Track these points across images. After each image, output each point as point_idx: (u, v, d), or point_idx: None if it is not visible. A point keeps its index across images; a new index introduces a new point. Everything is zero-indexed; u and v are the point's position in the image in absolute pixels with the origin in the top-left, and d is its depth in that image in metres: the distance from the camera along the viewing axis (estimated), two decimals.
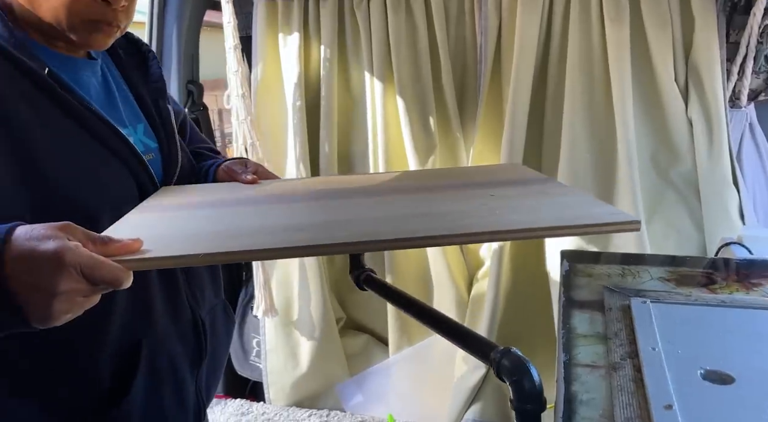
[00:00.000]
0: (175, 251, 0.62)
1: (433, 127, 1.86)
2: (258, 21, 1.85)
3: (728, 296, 0.85)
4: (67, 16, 0.80)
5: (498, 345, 0.74)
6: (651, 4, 1.55)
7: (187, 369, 0.96)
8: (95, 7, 0.80)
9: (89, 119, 0.81)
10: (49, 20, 0.81)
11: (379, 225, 0.70)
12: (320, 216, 0.78)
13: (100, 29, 0.82)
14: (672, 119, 1.58)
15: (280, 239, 0.65)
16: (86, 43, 0.84)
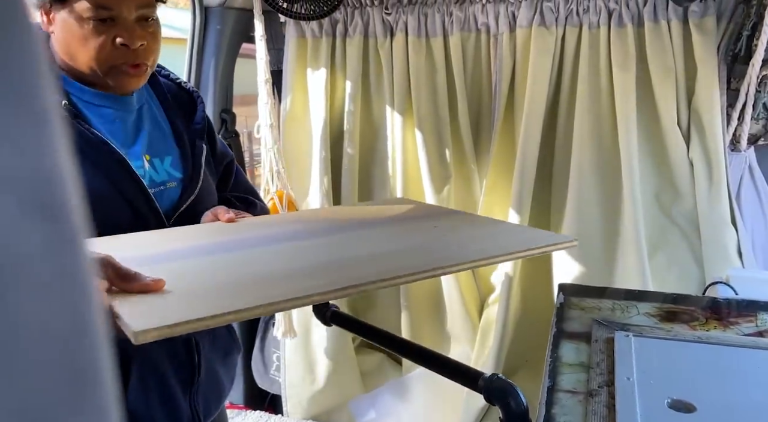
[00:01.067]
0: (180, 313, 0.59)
1: (448, 159, 1.97)
2: (289, 56, 1.99)
3: (705, 333, 0.93)
4: (98, 65, 0.91)
5: (484, 373, 0.81)
6: (656, 53, 1.65)
7: (178, 387, 1.02)
8: (117, 53, 0.91)
9: (98, 151, 0.91)
10: (87, 71, 0.93)
11: (368, 265, 0.72)
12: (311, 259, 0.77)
13: (128, 71, 0.93)
14: (674, 160, 1.67)
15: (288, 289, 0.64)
16: (122, 86, 0.95)
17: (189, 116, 1.11)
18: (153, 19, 0.96)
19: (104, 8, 0.89)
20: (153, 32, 0.96)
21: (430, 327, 2.11)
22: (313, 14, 1.76)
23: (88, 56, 0.91)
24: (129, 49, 0.92)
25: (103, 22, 0.90)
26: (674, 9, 1.63)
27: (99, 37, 0.90)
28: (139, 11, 0.93)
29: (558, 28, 1.75)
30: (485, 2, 1.80)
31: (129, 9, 0.91)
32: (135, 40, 0.91)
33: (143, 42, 0.93)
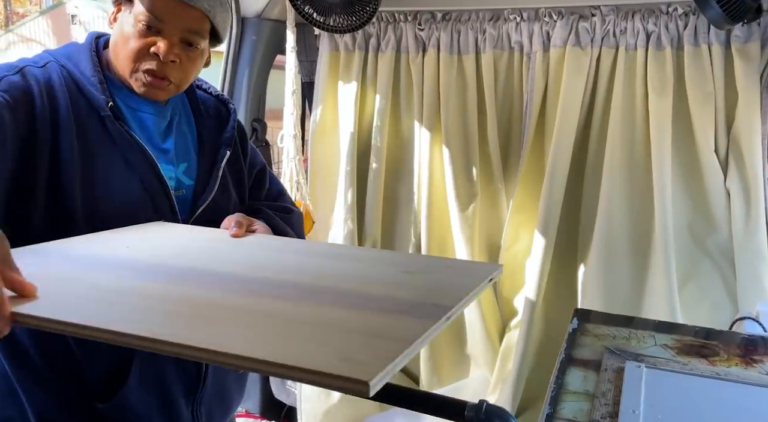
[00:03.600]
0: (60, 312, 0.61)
1: (475, 177, 1.94)
2: (321, 69, 2.01)
3: (725, 369, 0.88)
4: (128, 63, 0.97)
5: (467, 401, 0.77)
6: (695, 77, 1.59)
7: (180, 394, 1.03)
8: (148, 58, 0.96)
9: (134, 154, 0.97)
10: (122, 70, 0.99)
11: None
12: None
13: (152, 80, 0.97)
14: (710, 189, 1.60)
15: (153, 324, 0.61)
16: (142, 92, 0.99)
17: (223, 126, 1.15)
18: (198, 48, 1.01)
19: (156, 18, 0.96)
20: (191, 57, 1.01)
21: (450, 348, 2.06)
22: (345, 27, 1.77)
23: (125, 54, 0.97)
24: (159, 59, 0.96)
25: (149, 29, 0.96)
26: (716, 33, 1.57)
27: (140, 40, 0.96)
28: (184, 34, 0.98)
29: (593, 48, 1.71)
30: (519, 20, 1.78)
31: (176, 27, 0.97)
32: (168, 54, 0.96)
33: (176, 59, 0.98)
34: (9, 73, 0.91)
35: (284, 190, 1.32)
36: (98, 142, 0.95)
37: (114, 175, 0.96)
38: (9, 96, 0.88)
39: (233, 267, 0.81)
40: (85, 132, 0.94)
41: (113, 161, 0.96)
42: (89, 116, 0.95)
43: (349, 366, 0.52)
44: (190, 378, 1.05)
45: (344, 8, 1.72)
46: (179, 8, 0.96)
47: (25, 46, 18.52)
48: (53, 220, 0.91)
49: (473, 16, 1.83)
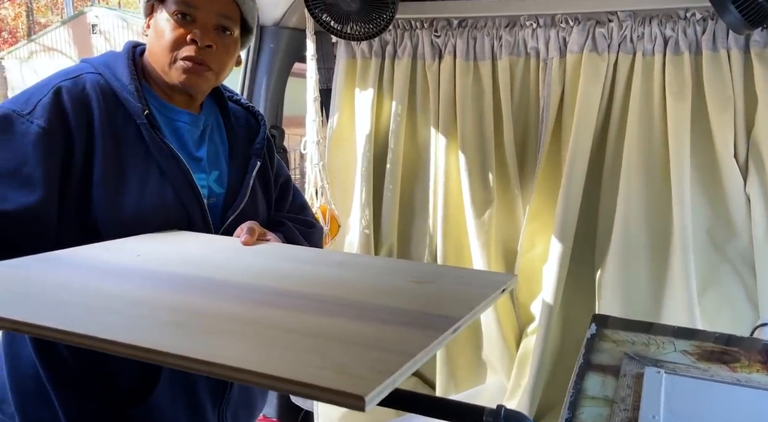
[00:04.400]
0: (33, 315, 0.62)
1: (491, 183, 1.94)
2: (338, 76, 2.03)
3: (746, 376, 0.87)
4: (166, 55, 0.99)
5: (485, 407, 0.76)
6: (714, 82, 1.58)
7: (207, 398, 1.05)
8: (186, 47, 0.99)
9: (170, 163, 0.99)
10: (160, 67, 1.00)
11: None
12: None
13: (192, 66, 0.99)
14: (730, 194, 1.58)
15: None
16: (183, 82, 1.01)
17: (253, 137, 1.18)
18: (231, 34, 1.03)
19: (190, 5, 0.98)
20: (226, 43, 1.03)
21: (466, 354, 2.06)
22: (362, 35, 1.79)
23: (161, 48, 0.99)
24: (197, 45, 0.99)
25: (183, 18, 0.98)
26: (735, 38, 1.56)
27: (176, 31, 0.98)
28: (218, 18, 1.01)
29: (610, 54, 1.71)
30: (536, 27, 1.78)
31: (210, 12, 1.00)
32: (204, 39, 0.98)
33: (212, 44, 1.00)
34: (42, 96, 0.92)
35: (307, 203, 1.34)
36: (133, 151, 0.97)
37: (148, 183, 0.98)
38: (44, 121, 0.90)
39: (239, 275, 0.81)
40: (120, 140, 0.96)
41: (148, 169, 0.98)
42: (125, 124, 0.97)
43: (345, 379, 0.50)
44: (217, 382, 1.06)
45: (361, 16, 1.74)
46: None
47: (47, 55, 18.88)
48: (84, 231, 0.93)
49: (489, 23, 1.84)
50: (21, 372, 0.97)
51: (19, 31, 23.46)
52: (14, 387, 0.98)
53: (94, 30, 17.99)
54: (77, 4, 21.37)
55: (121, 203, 0.95)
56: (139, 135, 0.97)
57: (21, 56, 19.43)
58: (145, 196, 0.97)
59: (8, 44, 21.92)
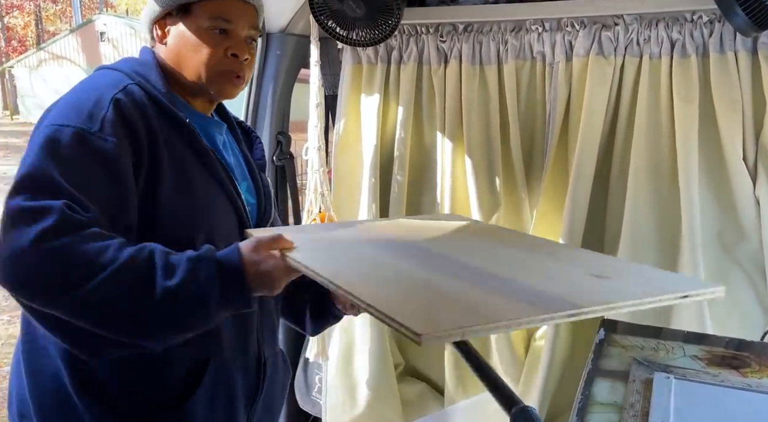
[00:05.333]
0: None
1: (498, 187, 1.94)
2: (344, 82, 2.03)
3: (757, 381, 0.86)
4: (205, 71, 1.02)
5: (520, 402, 0.78)
6: (722, 85, 1.57)
7: (242, 401, 1.07)
8: (227, 61, 1.03)
9: (216, 167, 1.02)
10: (192, 78, 1.03)
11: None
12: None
13: (231, 80, 1.04)
14: (739, 197, 1.57)
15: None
16: (221, 93, 1.05)
17: (250, 152, 1.21)
18: (255, 43, 1.09)
19: (224, 20, 1.02)
20: (253, 53, 1.09)
21: None
22: (368, 40, 1.80)
23: (198, 62, 1.02)
24: (237, 59, 1.03)
25: (218, 33, 1.02)
26: (742, 40, 1.55)
27: (213, 46, 1.02)
28: (249, 31, 1.05)
29: (617, 57, 1.70)
30: (541, 31, 1.78)
31: (243, 25, 1.04)
32: (243, 53, 1.03)
33: (248, 57, 1.05)
34: (104, 111, 0.91)
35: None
36: (187, 161, 0.99)
37: (207, 191, 1.01)
38: (116, 137, 0.90)
39: (446, 249, 0.99)
40: (175, 148, 0.98)
41: (203, 178, 1.01)
42: (172, 134, 0.98)
43: (419, 319, 0.66)
44: (251, 385, 1.09)
45: (367, 22, 1.75)
46: (243, 7, 1.03)
47: (56, 63, 19.06)
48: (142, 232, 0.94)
49: (495, 28, 1.84)
50: (43, 387, 0.97)
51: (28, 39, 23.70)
52: (36, 401, 0.98)
53: (102, 38, 18.15)
54: (86, 12, 21.59)
55: (190, 206, 0.98)
56: (187, 144, 0.99)
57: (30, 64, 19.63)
58: (207, 204, 1.00)
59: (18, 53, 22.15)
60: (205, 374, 0.99)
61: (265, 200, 1.16)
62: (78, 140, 0.87)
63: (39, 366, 0.97)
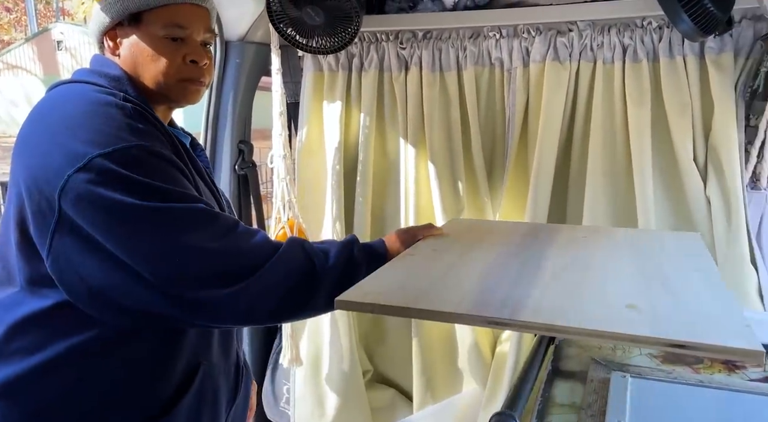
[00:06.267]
0: None
1: (461, 191, 1.96)
2: (306, 89, 2.03)
3: (708, 376, 0.89)
4: (166, 80, 1.00)
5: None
6: (672, 89, 1.62)
7: (224, 404, 1.09)
8: (186, 69, 1.01)
9: (206, 177, 1.04)
10: (153, 88, 1.01)
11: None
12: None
13: (191, 86, 1.03)
14: (691, 197, 1.62)
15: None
16: (185, 100, 1.04)
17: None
18: (211, 46, 1.09)
19: (179, 27, 1.00)
20: (211, 57, 1.08)
21: (442, 363, 2.06)
22: (328, 48, 1.80)
23: (157, 72, 1.00)
24: (197, 65, 1.03)
25: (174, 41, 1.01)
26: (690, 45, 1.60)
27: (170, 55, 1.00)
28: (205, 35, 1.05)
29: (572, 63, 1.74)
30: (499, 37, 1.81)
31: (199, 31, 1.03)
32: (202, 58, 1.03)
33: (207, 61, 1.05)
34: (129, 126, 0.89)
35: None
36: (196, 181, 1.00)
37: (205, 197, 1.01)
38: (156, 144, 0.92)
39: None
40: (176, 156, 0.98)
41: (200, 186, 1.01)
42: (167, 140, 0.98)
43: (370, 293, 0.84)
44: (230, 389, 1.10)
45: (326, 30, 1.75)
46: (196, 12, 1.02)
47: (11, 73, 18.48)
48: None
49: (453, 34, 1.86)
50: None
51: None
52: None
53: (59, 47, 17.68)
54: (41, 21, 21.02)
55: None
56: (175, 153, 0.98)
57: None
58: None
59: None
60: (196, 378, 0.99)
61: (228, 210, 1.16)
62: (149, 153, 0.89)
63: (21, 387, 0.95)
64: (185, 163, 0.98)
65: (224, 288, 0.85)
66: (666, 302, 0.79)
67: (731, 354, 0.67)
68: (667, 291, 0.83)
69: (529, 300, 0.80)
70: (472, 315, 0.78)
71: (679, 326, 0.71)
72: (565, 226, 1.54)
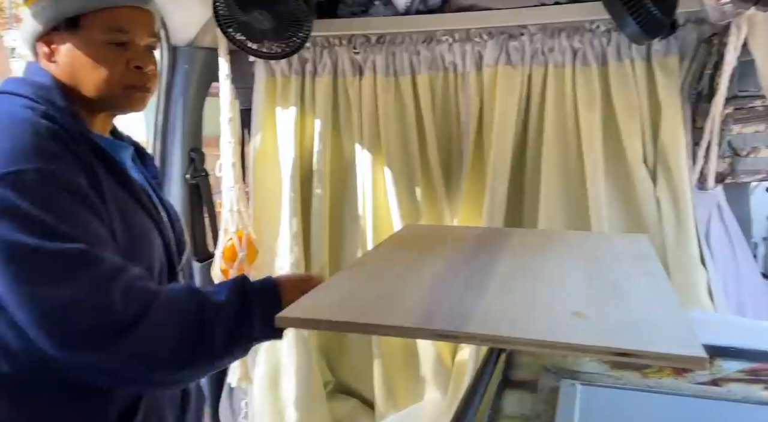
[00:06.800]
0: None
1: (419, 197, 1.94)
2: (258, 95, 1.98)
3: (657, 381, 0.88)
4: (108, 88, 0.94)
5: None
6: (621, 91, 1.64)
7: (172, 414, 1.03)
8: (131, 75, 0.96)
9: (140, 194, 0.96)
10: (94, 97, 0.95)
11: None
12: None
13: (136, 93, 0.98)
14: (641, 198, 1.64)
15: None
16: (127, 106, 0.98)
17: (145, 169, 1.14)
18: (154, 51, 1.02)
19: (121, 31, 0.94)
20: (155, 61, 1.02)
21: (404, 372, 2.03)
22: (278, 53, 1.76)
23: (99, 80, 0.94)
24: (142, 71, 0.97)
25: (116, 46, 0.94)
26: (637, 48, 1.63)
27: (113, 62, 0.94)
28: (149, 39, 0.99)
29: (524, 66, 1.75)
30: (452, 41, 1.80)
31: (142, 35, 0.97)
32: (147, 64, 0.97)
33: (152, 67, 0.99)
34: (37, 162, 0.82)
35: None
36: (108, 186, 0.91)
37: (142, 225, 0.94)
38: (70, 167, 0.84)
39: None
40: (96, 176, 0.89)
41: (135, 211, 0.94)
42: (88, 159, 0.89)
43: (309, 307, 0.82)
44: (176, 418, 1.05)
45: (276, 35, 1.71)
46: (139, 15, 0.96)
47: None
48: None
49: (407, 39, 1.85)
50: None
51: None
52: None
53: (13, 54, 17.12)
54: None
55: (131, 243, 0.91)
56: (105, 168, 0.92)
57: None
58: (136, 229, 0.93)
59: None
60: (138, 411, 0.93)
61: (176, 224, 1.10)
62: (43, 180, 0.81)
63: None
64: (112, 183, 0.91)
65: (95, 350, 0.78)
66: (612, 308, 0.78)
67: (675, 362, 0.66)
68: (614, 297, 0.83)
69: (477, 310, 0.78)
70: (418, 328, 0.75)
71: (624, 334, 0.70)
72: (518, 230, 1.53)
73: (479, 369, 0.90)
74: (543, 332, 0.71)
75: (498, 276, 0.93)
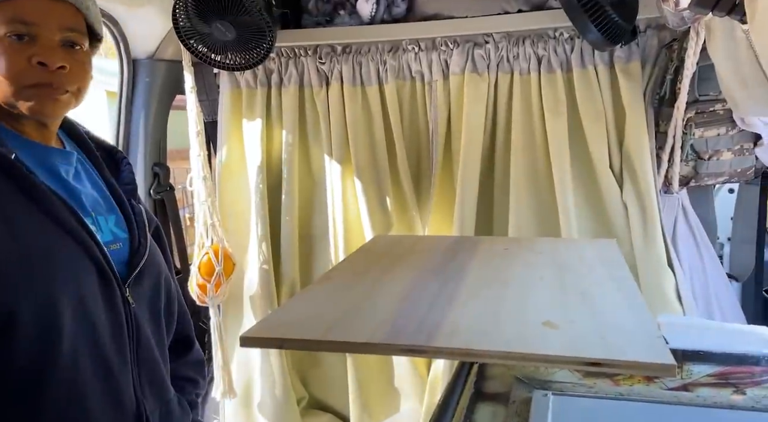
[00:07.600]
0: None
1: (389, 206, 1.92)
2: (223, 107, 1.95)
3: (628, 388, 0.88)
4: (10, 87, 0.84)
5: None
6: (586, 97, 1.66)
7: None
8: (33, 73, 0.85)
9: (53, 204, 0.85)
10: (5, 101, 0.86)
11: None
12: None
13: (44, 94, 0.86)
14: (609, 203, 1.66)
15: None
16: (37, 112, 0.87)
17: (117, 177, 1.06)
18: (81, 48, 0.91)
19: (23, 23, 0.84)
20: (80, 60, 0.90)
21: (379, 384, 2.01)
22: (242, 64, 1.73)
23: (3, 78, 0.84)
24: (47, 69, 0.85)
25: (20, 39, 0.84)
26: (600, 55, 1.65)
27: (13, 56, 0.84)
28: (64, 34, 0.88)
29: (490, 74, 1.75)
30: (418, 50, 1.80)
31: (51, 28, 0.86)
32: (54, 60, 0.85)
33: (64, 64, 0.87)
34: None
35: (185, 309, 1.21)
36: (13, 205, 0.81)
37: (43, 237, 0.83)
38: None
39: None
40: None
41: (38, 223, 0.83)
42: None
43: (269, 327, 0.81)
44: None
45: (239, 46, 1.68)
46: (48, 6, 0.87)
47: None
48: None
49: (373, 48, 1.84)
50: None
51: None
52: None
53: None
54: None
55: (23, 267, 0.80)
56: (15, 185, 0.82)
57: None
58: (46, 251, 0.83)
59: None
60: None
61: (139, 232, 1.01)
62: None
63: None
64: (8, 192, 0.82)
65: None
66: (582, 316, 0.78)
67: (644, 370, 0.65)
68: (583, 304, 0.82)
69: (445, 323, 0.77)
70: (386, 344, 0.73)
71: (593, 343, 0.69)
72: (487, 238, 1.53)
73: (450, 382, 0.89)
74: (513, 343, 0.70)
75: (467, 286, 0.91)
